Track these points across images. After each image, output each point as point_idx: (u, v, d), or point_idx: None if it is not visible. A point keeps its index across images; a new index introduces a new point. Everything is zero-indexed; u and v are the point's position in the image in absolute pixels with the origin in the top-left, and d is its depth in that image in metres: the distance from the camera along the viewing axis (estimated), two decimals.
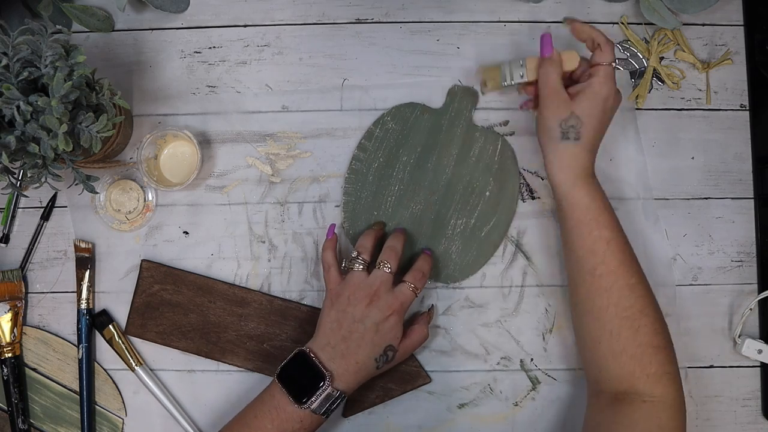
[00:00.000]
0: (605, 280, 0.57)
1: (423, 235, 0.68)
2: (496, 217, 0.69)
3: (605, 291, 0.57)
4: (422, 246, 0.68)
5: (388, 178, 0.69)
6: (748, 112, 0.71)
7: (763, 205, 0.70)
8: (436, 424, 0.68)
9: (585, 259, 0.58)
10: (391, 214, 0.69)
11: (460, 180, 0.68)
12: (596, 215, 0.58)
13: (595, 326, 0.58)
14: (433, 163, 0.69)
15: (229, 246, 0.69)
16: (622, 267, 0.57)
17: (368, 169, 0.69)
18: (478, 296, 0.69)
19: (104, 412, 0.68)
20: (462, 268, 0.69)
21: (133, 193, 0.69)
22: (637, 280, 0.57)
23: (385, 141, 0.69)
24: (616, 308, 0.56)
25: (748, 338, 0.67)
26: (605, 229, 0.58)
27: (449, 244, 0.68)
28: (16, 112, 0.52)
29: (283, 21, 0.71)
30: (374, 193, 0.69)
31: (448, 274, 0.69)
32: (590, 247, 0.58)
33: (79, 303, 0.68)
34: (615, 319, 0.56)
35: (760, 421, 0.68)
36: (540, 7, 0.71)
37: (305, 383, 0.58)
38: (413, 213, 0.69)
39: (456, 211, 0.68)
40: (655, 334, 0.56)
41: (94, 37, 0.71)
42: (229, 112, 0.70)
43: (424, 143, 0.69)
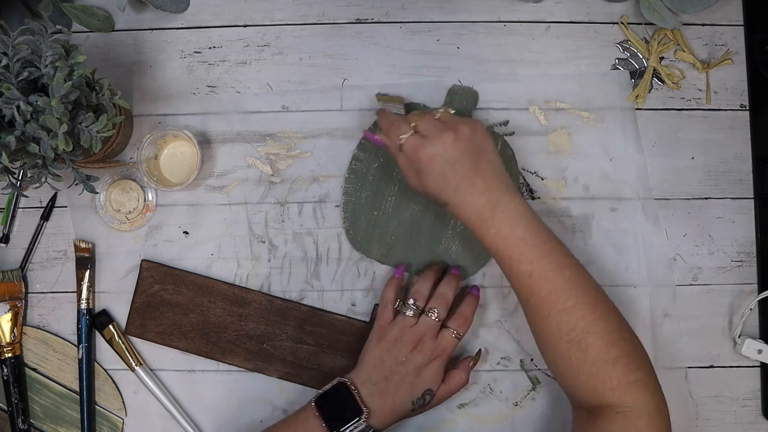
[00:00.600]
0: (541, 309, 0.56)
1: (422, 235, 0.68)
2: None
3: (545, 318, 0.56)
4: (420, 249, 0.68)
5: (388, 178, 0.68)
6: (748, 112, 0.71)
7: (763, 205, 0.70)
8: (436, 424, 0.68)
9: (518, 291, 0.58)
10: (391, 214, 0.68)
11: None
12: (510, 252, 0.56)
13: (547, 350, 0.58)
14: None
15: (229, 246, 0.69)
16: (552, 295, 0.56)
17: (368, 169, 0.68)
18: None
19: (104, 412, 0.68)
20: (464, 267, 0.69)
21: (133, 193, 0.69)
22: (574, 303, 0.55)
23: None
24: (558, 332, 0.56)
25: (748, 338, 0.67)
26: (523, 264, 0.56)
27: (449, 244, 0.68)
28: (16, 112, 0.52)
29: (283, 21, 0.71)
30: (374, 193, 0.68)
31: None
32: (517, 282, 0.57)
33: (79, 303, 0.68)
34: (561, 343, 0.56)
35: (760, 421, 0.69)
36: (540, 7, 0.71)
37: (341, 414, 0.58)
38: (413, 213, 0.68)
39: None
40: (607, 348, 0.54)
41: (94, 37, 0.71)
42: (229, 112, 0.70)
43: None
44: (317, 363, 0.68)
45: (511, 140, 0.70)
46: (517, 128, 0.70)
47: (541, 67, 0.71)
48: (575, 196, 0.70)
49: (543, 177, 0.70)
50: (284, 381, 0.68)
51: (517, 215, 0.57)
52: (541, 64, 0.71)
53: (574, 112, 0.70)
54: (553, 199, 0.70)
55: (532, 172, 0.70)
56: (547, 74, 0.71)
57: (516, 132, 0.70)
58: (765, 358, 0.67)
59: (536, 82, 0.70)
